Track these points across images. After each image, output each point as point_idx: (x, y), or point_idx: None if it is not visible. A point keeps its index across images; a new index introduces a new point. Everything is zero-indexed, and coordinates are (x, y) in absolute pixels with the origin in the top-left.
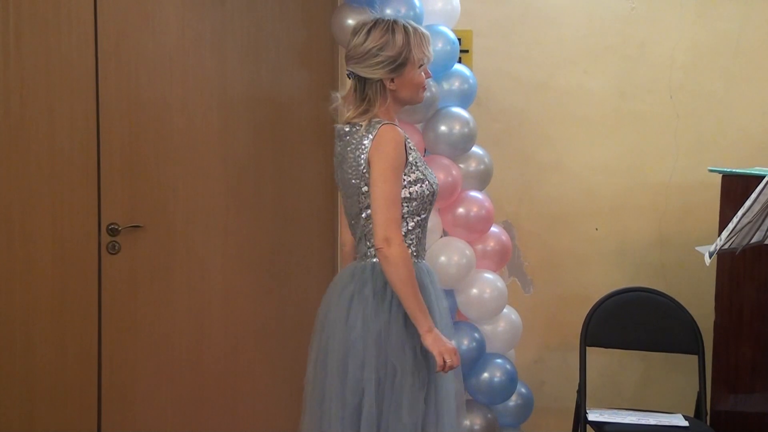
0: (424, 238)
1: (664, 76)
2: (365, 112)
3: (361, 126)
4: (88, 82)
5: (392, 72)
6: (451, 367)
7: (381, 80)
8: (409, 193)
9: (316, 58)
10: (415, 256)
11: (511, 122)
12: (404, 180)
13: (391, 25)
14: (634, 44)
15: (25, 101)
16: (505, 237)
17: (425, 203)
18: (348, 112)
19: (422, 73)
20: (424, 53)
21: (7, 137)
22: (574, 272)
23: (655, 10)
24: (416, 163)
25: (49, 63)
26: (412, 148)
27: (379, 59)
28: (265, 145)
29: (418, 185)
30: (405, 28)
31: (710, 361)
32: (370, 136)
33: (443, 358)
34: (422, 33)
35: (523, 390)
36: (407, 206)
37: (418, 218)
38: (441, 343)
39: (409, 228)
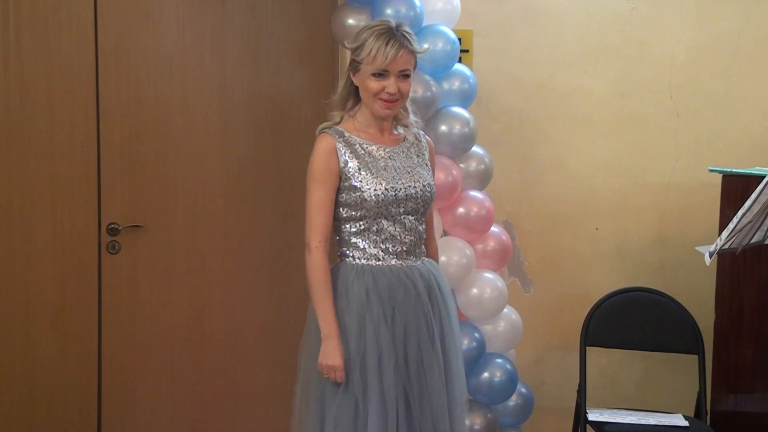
0: (389, 240)
1: (664, 76)
2: (338, 103)
3: None
4: (88, 82)
5: (351, 64)
6: (334, 379)
7: (348, 72)
8: (340, 198)
9: (316, 58)
10: (364, 259)
11: (511, 122)
12: (341, 185)
13: (377, 25)
14: (634, 44)
15: (25, 101)
16: (505, 237)
17: (363, 209)
18: None
19: (375, 83)
20: (371, 64)
21: (7, 137)
22: (574, 272)
23: (655, 10)
24: (350, 171)
25: (49, 63)
26: (353, 155)
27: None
28: (265, 145)
29: (348, 193)
30: (377, 33)
31: (710, 361)
32: None
33: (324, 370)
34: (384, 47)
35: (523, 390)
36: (345, 211)
37: (363, 222)
38: (324, 356)
39: (353, 231)
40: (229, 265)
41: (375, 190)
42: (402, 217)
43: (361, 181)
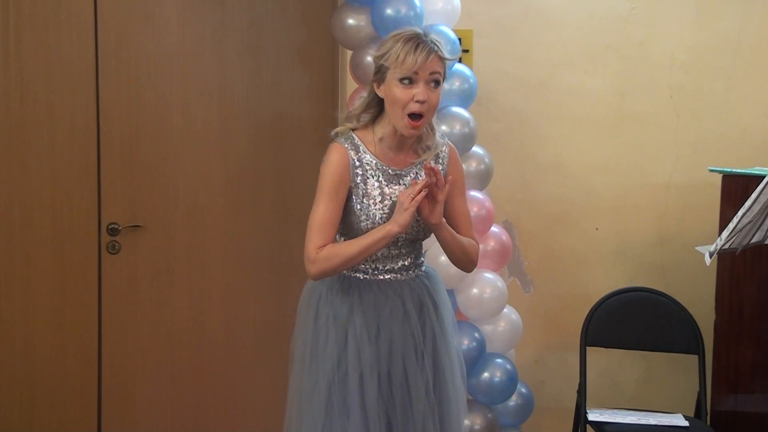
0: (379, 260)
1: (664, 76)
2: (353, 117)
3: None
4: (88, 82)
5: (375, 74)
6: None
7: (372, 84)
8: (343, 214)
9: (316, 58)
10: (352, 270)
11: (511, 122)
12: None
13: (403, 31)
14: (634, 44)
15: (25, 101)
16: (505, 237)
17: (356, 234)
18: None
19: (403, 91)
20: (400, 67)
21: (7, 137)
22: (574, 272)
23: (655, 10)
24: (357, 191)
25: (49, 63)
26: (362, 177)
27: (373, 59)
28: (265, 145)
29: (347, 214)
30: (405, 38)
31: (710, 361)
32: None
33: (411, 204)
34: (414, 50)
35: (523, 390)
36: (341, 226)
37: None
38: (399, 217)
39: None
40: (229, 264)
41: (372, 223)
42: (398, 244)
43: (360, 209)
